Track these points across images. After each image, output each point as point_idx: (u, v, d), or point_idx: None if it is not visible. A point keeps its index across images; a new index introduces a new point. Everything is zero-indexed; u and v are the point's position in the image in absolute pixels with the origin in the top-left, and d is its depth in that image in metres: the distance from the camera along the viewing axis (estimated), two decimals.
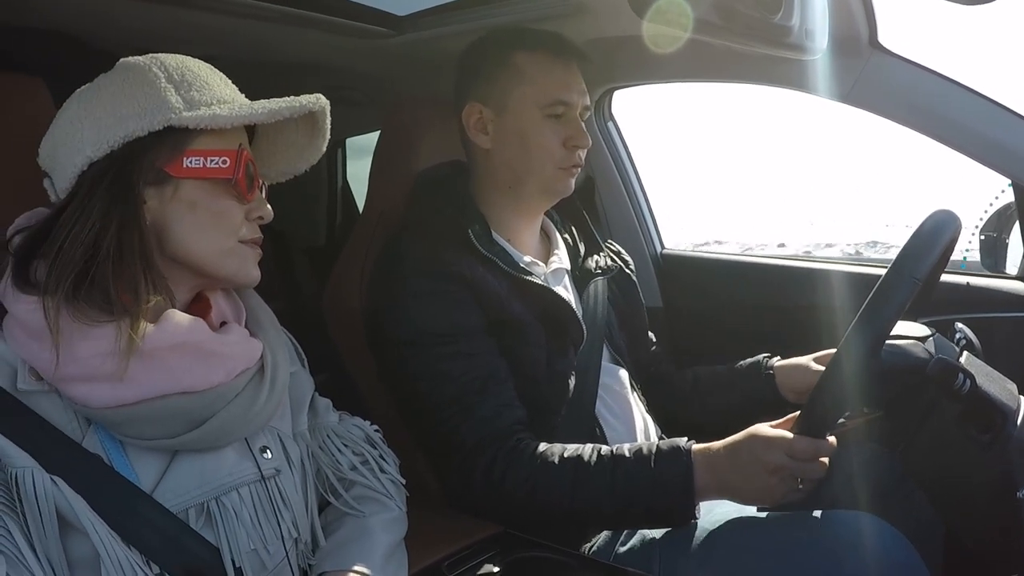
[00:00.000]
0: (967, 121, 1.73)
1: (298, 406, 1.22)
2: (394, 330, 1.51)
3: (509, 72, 1.58)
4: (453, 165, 1.73)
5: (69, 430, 0.94)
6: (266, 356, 1.10)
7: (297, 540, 1.11)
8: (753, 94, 43.43)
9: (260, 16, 1.64)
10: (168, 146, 1.00)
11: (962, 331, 1.49)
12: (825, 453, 1.29)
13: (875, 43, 1.77)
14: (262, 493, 1.06)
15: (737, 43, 1.59)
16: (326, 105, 1.10)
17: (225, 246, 1.05)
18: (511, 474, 1.41)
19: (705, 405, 1.83)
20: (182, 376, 0.97)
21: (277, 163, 1.20)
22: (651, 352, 1.95)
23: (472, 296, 1.50)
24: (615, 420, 1.64)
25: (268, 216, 1.11)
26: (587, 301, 1.71)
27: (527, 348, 1.54)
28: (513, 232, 1.65)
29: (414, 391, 1.50)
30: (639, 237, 2.46)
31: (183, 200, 1.02)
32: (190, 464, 1.00)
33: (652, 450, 1.38)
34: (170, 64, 1.03)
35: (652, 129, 12.88)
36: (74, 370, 0.92)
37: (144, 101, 0.99)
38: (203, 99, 1.02)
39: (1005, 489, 1.25)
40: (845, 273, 2.11)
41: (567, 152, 1.58)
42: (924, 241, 1.24)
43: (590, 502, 1.38)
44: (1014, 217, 1.86)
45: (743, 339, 2.10)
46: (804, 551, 1.32)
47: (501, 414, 1.46)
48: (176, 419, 0.97)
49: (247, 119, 1.02)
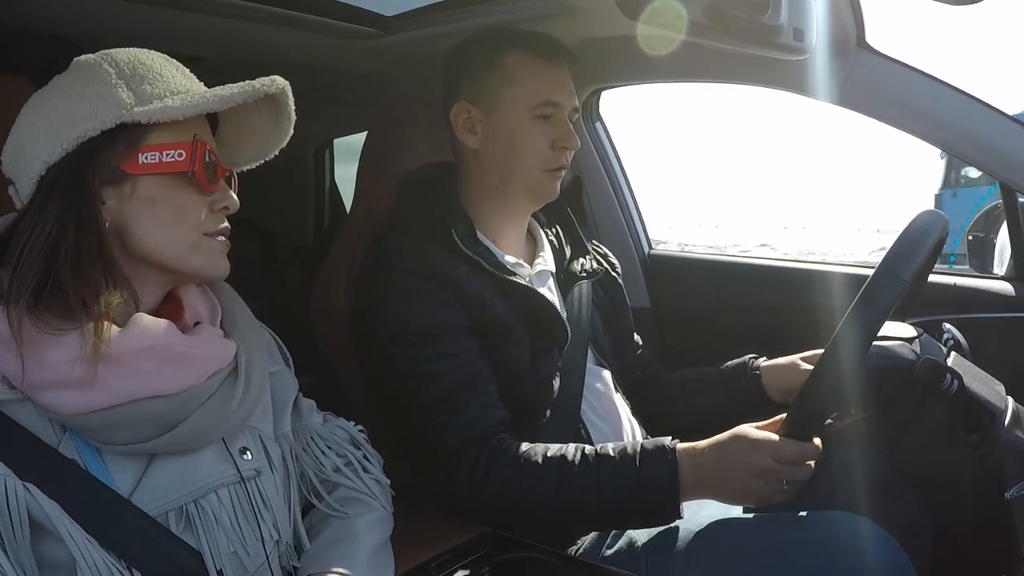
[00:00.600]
0: (955, 121, 1.74)
1: (281, 407, 1.21)
2: (380, 329, 1.51)
3: (499, 73, 1.58)
4: (440, 166, 1.72)
5: (45, 437, 0.93)
6: (240, 356, 1.08)
7: (279, 542, 1.10)
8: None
9: (248, 17, 1.64)
10: (122, 143, 0.98)
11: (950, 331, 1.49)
12: (811, 456, 1.29)
13: (863, 43, 1.77)
14: (242, 495, 1.05)
15: (725, 43, 1.59)
16: (285, 86, 1.08)
17: (189, 240, 1.03)
18: (494, 474, 1.40)
19: (692, 406, 1.83)
20: (152, 380, 0.96)
21: (244, 149, 1.17)
22: (637, 355, 1.94)
23: (456, 296, 1.49)
24: (600, 421, 1.64)
25: (234, 206, 1.08)
26: (571, 303, 1.70)
27: (511, 348, 1.54)
28: (498, 233, 1.65)
29: (399, 390, 1.50)
30: (627, 237, 2.46)
31: (142, 197, 1.00)
32: (167, 467, 0.99)
33: (637, 449, 1.37)
34: (121, 59, 1.01)
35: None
36: (43, 377, 0.91)
37: (95, 100, 0.97)
38: (155, 92, 1.00)
39: (993, 489, 1.25)
40: (833, 274, 2.12)
41: (554, 154, 1.58)
42: (911, 242, 1.24)
43: (574, 502, 1.37)
44: (1002, 218, 1.87)
45: (731, 339, 2.10)
46: (791, 552, 1.32)
47: (484, 415, 1.45)
48: (148, 423, 0.96)
49: (198, 108, 0.99)
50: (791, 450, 1.28)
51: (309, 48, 1.93)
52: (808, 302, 2.04)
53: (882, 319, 1.22)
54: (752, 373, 1.74)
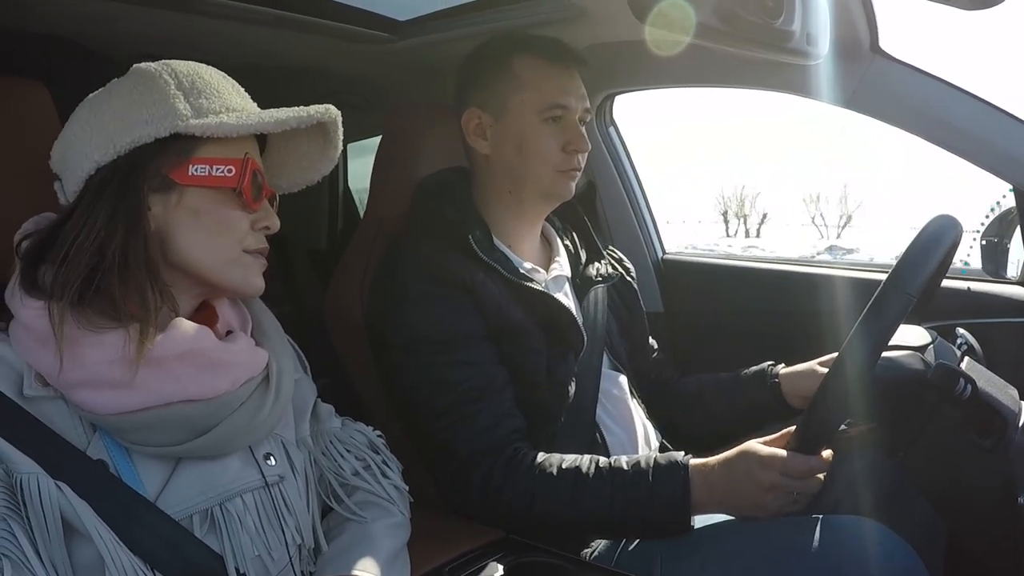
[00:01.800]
0: (968, 126, 1.73)
1: (300, 413, 1.22)
2: (394, 335, 1.51)
3: (507, 78, 1.58)
4: (455, 171, 1.72)
5: (74, 436, 0.94)
6: (271, 365, 1.10)
7: (301, 546, 1.11)
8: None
9: (261, 21, 1.65)
10: (174, 153, 1.00)
11: (963, 336, 1.49)
12: (819, 470, 1.30)
13: (876, 48, 1.77)
14: (266, 500, 1.06)
15: (738, 48, 1.59)
16: (336, 116, 1.10)
17: (229, 255, 1.05)
18: (510, 484, 1.41)
19: (710, 412, 1.82)
20: (188, 384, 0.97)
21: (288, 173, 1.19)
22: (652, 359, 1.94)
23: (472, 302, 1.49)
24: (616, 426, 1.64)
25: (275, 226, 1.10)
26: (587, 308, 1.70)
27: (527, 355, 1.54)
28: (514, 238, 1.65)
29: (413, 398, 1.50)
30: (640, 242, 2.46)
31: (187, 207, 1.01)
32: (194, 471, 1.00)
33: (650, 464, 1.38)
34: (181, 71, 1.03)
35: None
36: (79, 376, 0.92)
37: (152, 108, 0.99)
38: (212, 107, 1.02)
39: (1007, 494, 1.25)
40: (847, 278, 2.11)
41: (566, 156, 1.58)
42: (922, 250, 1.24)
43: (588, 513, 1.38)
44: (1015, 222, 1.86)
45: (744, 344, 2.09)
46: (806, 556, 1.31)
47: (499, 424, 1.46)
48: (181, 427, 0.97)
49: (254, 128, 1.02)
50: (799, 465, 1.29)
51: (322, 52, 1.93)
52: (823, 306, 2.04)
53: (890, 333, 1.21)
54: (772, 381, 1.73)
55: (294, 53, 1.94)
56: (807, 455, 1.29)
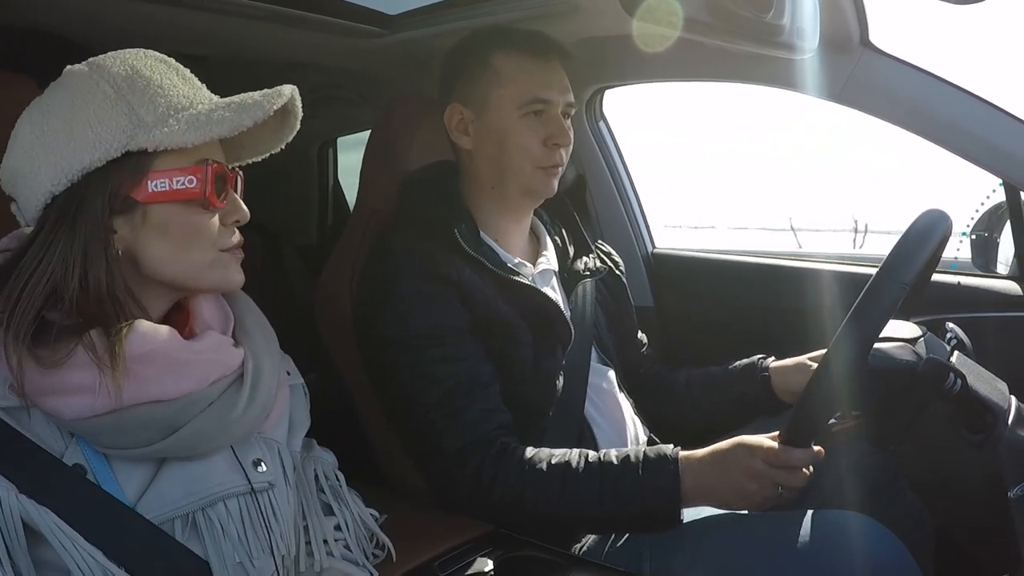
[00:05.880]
0: (958, 120, 1.73)
1: (296, 425, 1.19)
2: (383, 329, 1.50)
3: (488, 73, 1.57)
4: (443, 165, 1.72)
5: (51, 442, 0.92)
6: (247, 363, 1.06)
7: (285, 556, 1.07)
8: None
9: (251, 15, 1.64)
10: (128, 171, 0.95)
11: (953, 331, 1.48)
12: (805, 462, 1.30)
13: (866, 42, 1.77)
14: (251, 506, 1.03)
15: (728, 42, 1.59)
16: (292, 91, 1.05)
17: (205, 260, 1.02)
18: (500, 479, 1.40)
19: (698, 406, 1.83)
20: (150, 386, 0.95)
21: (250, 144, 1.14)
22: (641, 353, 1.94)
23: (459, 296, 1.49)
24: (604, 421, 1.64)
25: (244, 218, 1.06)
26: (575, 302, 1.70)
27: (514, 348, 1.54)
28: (501, 232, 1.64)
29: (401, 392, 1.50)
30: (630, 236, 2.46)
31: (154, 224, 0.98)
32: (176, 474, 0.98)
33: (639, 457, 1.38)
34: (117, 73, 0.97)
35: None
36: (44, 384, 0.90)
37: (96, 126, 0.94)
38: (159, 112, 0.96)
39: (996, 488, 1.25)
40: (837, 273, 2.12)
41: (547, 151, 1.56)
42: (912, 244, 1.24)
43: (578, 507, 1.38)
44: (1005, 216, 1.86)
45: (734, 338, 2.10)
46: (795, 549, 1.32)
47: (488, 418, 1.45)
48: (149, 428, 0.95)
49: (205, 135, 0.96)
50: (788, 457, 1.28)
51: (313, 47, 1.92)
52: (813, 301, 2.04)
53: (879, 327, 1.22)
54: (762, 375, 1.73)
55: (285, 48, 1.93)
56: (797, 447, 1.29)
